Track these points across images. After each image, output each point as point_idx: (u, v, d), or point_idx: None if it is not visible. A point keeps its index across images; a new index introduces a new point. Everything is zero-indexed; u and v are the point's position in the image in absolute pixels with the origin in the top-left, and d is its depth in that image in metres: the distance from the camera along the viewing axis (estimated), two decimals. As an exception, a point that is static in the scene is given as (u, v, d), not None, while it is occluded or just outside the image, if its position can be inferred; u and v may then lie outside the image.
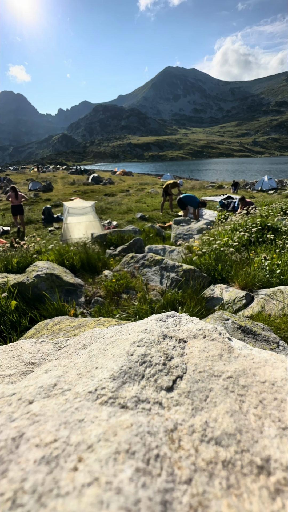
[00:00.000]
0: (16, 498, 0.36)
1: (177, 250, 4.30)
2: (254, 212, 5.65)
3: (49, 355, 0.85)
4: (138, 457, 0.42)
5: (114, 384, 0.58)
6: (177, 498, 0.37)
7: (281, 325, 1.92)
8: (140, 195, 17.75)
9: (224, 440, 0.46)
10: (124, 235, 5.82)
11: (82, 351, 0.81)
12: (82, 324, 1.34)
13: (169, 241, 6.44)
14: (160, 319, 0.91)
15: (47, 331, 1.38)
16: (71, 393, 0.57)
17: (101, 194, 18.20)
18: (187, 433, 0.48)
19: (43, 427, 0.48)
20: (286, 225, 4.59)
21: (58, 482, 0.38)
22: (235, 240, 4.04)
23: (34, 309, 2.25)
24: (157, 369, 0.64)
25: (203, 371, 0.64)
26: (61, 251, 3.63)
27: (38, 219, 11.19)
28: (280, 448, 0.45)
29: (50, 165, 62.54)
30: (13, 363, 0.80)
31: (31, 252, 3.53)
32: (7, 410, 0.53)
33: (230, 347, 0.73)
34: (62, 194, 18.39)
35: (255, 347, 0.97)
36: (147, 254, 3.32)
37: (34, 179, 27.55)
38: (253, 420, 0.50)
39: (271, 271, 2.90)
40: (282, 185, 22.03)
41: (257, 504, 0.37)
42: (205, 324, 0.86)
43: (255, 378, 0.61)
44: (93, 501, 0.35)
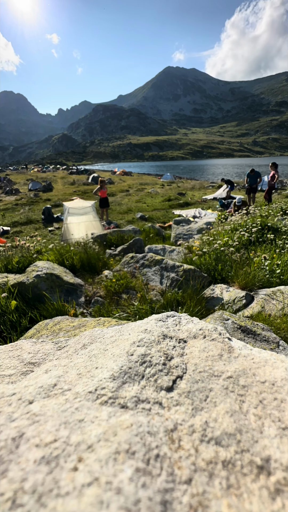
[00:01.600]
0: (16, 498, 0.36)
1: (177, 250, 4.30)
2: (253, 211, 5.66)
3: (49, 355, 0.85)
4: (138, 457, 0.42)
5: (114, 384, 0.58)
6: (177, 498, 0.37)
7: (281, 325, 1.92)
8: (140, 195, 17.75)
9: (224, 440, 0.46)
10: (124, 235, 5.82)
11: (82, 351, 0.81)
12: (82, 324, 1.34)
13: (169, 241, 6.44)
14: (160, 319, 0.91)
15: (47, 331, 1.38)
16: (71, 393, 0.57)
17: (101, 194, 18.19)
18: (187, 433, 0.48)
19: (43, 427, 0.48)
20: (286, 225, 4.59)
21: (58, 482, 0.38)
22: (235, 240, 4.04)
23: (34, 309, 2.25)
24: (157, 369, 0.64)
25: (203, 371, 0.64)
26: (61, 251, 3.63)
27: (38, 219, 11.20)
28: (280, 448, 0.45)
29: (50, 165, 62.52)
30: (13, 363, 0.80)
31: (31, 252, 3.53)
32: (7, 410, 0.53)
33: (230, 347, 0.73)
34: (62, 194, 18.39)
35: (255, 347, 0.97)
36: (147, 254, 3.32)
37: (34, 179, 27.55)
38: (253, 420, 0.50)
39: (271, 271, 2.90)
40: (282, 185, 22.03)
41: (257, 504, 0.37)
42: (205, 324, 0.86)
43: (255, 378, 0.61)
44: (93, 501, 0.35)
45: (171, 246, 4.76)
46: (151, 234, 6.75)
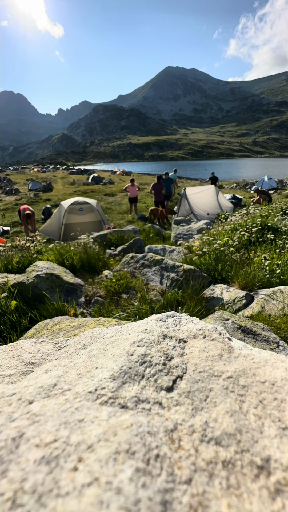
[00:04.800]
0: (16, 498, 0.36)
1: (177, 250, 4.30)
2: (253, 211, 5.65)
3: (49, 355, 0.85)
4: (138, 457, 0.42)
5: (114, 384, 0.58)
6: (177, 498, 0.37)
7: (281, 325, 1.92)
8: (140, 195, 17.74)
9: (224, 440, 0.46)
10: (124, 235, 5.81)
11: (82, 351, 0.81)
12: (82, 324, 1.34)
13: (169, 241, 6.44)
14: (160, 319, 0.91)
15: (47, 331, 1.38)
16: (71, 393, 0.57)
17: (101, 194, 18.20)
18: (187, 433, 0.48)
19: (43, 427, 0.48)
20: (286, 225, 4.58)
21: (58, 482, 0.38)
22: (235, 240, 4.04)
23: (34, 309, 2.25)
24: (157, 369, 0.64)
25: (203, 371, 0.64)
26: (61, 251, 3.63)
27: (38, 219, 11.20)
28: (280, 448, 0.45)
29: (50, 165, 62.51)
30: (13, 363, 0.80)
31: (31, 252, 3.53)
32: (7, 410, 0.53)
33: (230, 347, 0.73)
34: (62, 194, 18.39)
35: (255, 347, 0.97)
36: (147, 254, 3.32)
37: (34, 179, 27.56)
38: (253, 420, 0.50)
39: (271, 271, 2.89)
40: (282, 185, 22.03)
41: (257, 504, 0.37)
42: (205, 324, 0.86)
43: (255, 378, 0.61)
44: (93, 501, 0.35)
45: (171, 246, 4.76)
46: (151, 234, 6.75)
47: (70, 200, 8.44)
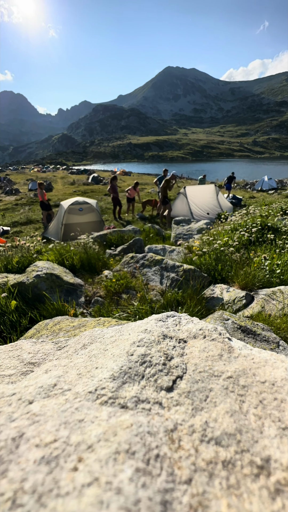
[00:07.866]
0: (16, 498, 0.36)
1: (177, 250, 4.30)
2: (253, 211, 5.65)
3: (49, 355, 0.85)
4: (138, 457, 0.42)
5: (114, 384, 0.58)
6: (177, 498, 0.37)
7: (281, 325, 1.92)
8: (140, 195, 17.73)
9: (224, 440, 0.46)
10: (124, 235, 5.81)
11: (82, 351, 0.81)
12: (82, 324, 1.34)
13: (169, 241, 6.44)
14: (160, 319, 0.91)
15: (47, 331, 1.38)
16: (71, 393, 0.57)
17: (101, 194, 18.19)
18: (187, 433, 0.48)
19: (43, 427, 0.48)
20: (286, 225, 4.58)
21: (58, 482, 0.38)
22: (235, 240, 4.04)
23: (34, 309, 2.25)
24: (157, 369, 0.64)
25: (203, 371, 0.64)
26: (61, 251, 3.63)
27: (38, 219, 11.19)
28: (280, 448, 0.45)
29: (50, 165, 62.49)
30: (13, 363, 0.80)
31: (31, 252, 3.53)
32: (7, 410, 0.53)
33: (230, 347, 0.73)
34: (62, 194, 18.38)
35: (255, 347, 0.97)
36: (147, 254, 3.32)
37: (34, 179, 27.54)
38: (253, 420, 0.50)
39: (271, 271, 2.90)
40: (282, 185, 22.03)
41: (257, 504, 0.37)
42: (205, 324, 0.86)
43: (255, 378, 0.61)
44: (93, 501, 0.35)
45: (171, 246, 4.76)
46: (151, 234, 6.75)
47: (70, 200, 8.41)
